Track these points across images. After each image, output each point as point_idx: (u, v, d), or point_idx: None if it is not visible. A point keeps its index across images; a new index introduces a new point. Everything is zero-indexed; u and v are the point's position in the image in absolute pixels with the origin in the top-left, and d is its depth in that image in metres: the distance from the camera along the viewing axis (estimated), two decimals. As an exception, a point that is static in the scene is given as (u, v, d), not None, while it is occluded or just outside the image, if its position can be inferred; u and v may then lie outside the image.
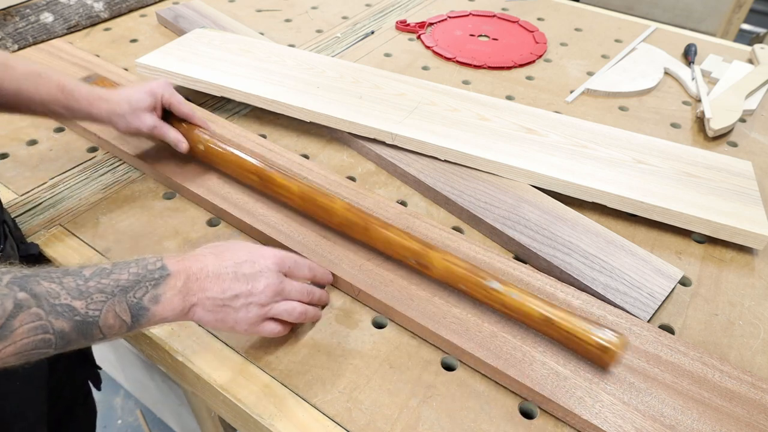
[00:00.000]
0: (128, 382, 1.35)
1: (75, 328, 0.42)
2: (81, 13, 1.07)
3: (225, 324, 0.49)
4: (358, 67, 0.88)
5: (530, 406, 0.51)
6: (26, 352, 0.40)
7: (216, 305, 0.48)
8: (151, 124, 0.67)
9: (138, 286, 0.45)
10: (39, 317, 0.40)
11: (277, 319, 0.52)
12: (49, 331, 0.40)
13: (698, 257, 0.66)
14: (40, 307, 0.40)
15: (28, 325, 0.39)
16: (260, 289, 0.49)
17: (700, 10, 1.63)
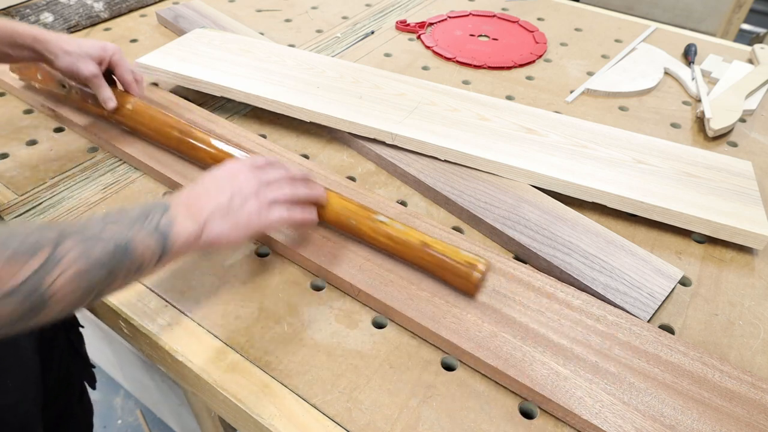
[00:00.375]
0: (128, 382, 1.35)
1: (112, 254, 0.43)
2: (81, 13, 1.07)
3: (239, 226, 0.51)
4: (358, 67, 0.88)
5: (530, 406, 0.51)
6: (78, 282, 0.41)
7: (221, 213, 0.50)
8: (93, 71, 0.70)
9: (150, 214, 0.47)
10: (77, 246, 0.41)
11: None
12: (90, 258, 0.42)
13: (698, 257, 0.66)
14: (74, 238, 0.41)
15: (71, 253, 0.41)
16: (243, 183, 0.53)
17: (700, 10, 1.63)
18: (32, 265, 0.39)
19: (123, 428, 1.35)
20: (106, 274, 0.42)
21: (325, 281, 0.61)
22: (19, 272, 0.38)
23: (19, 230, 0.40)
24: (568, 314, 0.56)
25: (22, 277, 0.38)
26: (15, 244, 0.39)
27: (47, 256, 0.39)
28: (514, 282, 0.59)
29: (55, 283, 0.39)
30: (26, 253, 0.39)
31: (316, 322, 0.57)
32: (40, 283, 0.39)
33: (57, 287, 0.39)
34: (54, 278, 0.39)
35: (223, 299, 0.59)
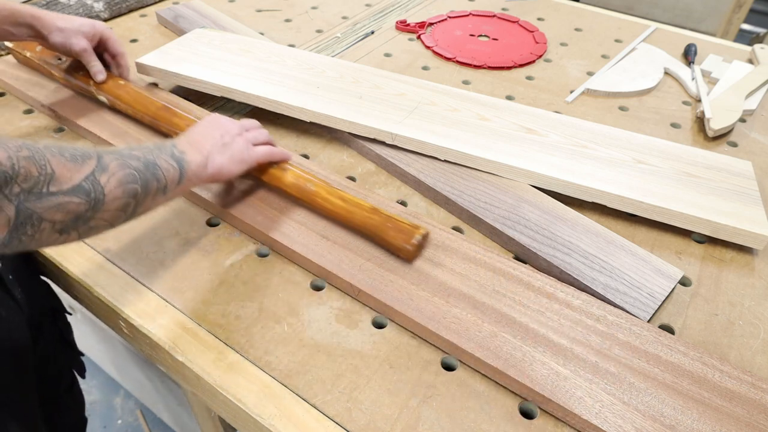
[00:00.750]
0: (128, 382, 1.35)
1: (145, 167, 0.51)
2: (81, 13, 1.07)
3: (234, 159, 0.61)
4: (358, 67, 0.88)
5: (530, 406, 0.51)
6: (124, 183, 0.48)
7: (219, 148, 0.61)
8: (84, 47, 0.76)
9: (163, 146, 0.55)
10: (119, 159, 0.49)
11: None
12: (130, 167, 0.49)
13: (698, 257, 0.66)
14: (114, 154, 0.49)
15: (115, 162, 0.48)
16: (229, 126, 0.64)
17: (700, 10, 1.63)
18: (89, 166, 0.46)
19: (123, 428, 1.35)
20: (143, 184, 0.50)
21: (325, 281, 0.61)
22: (79, 171, 0.45)
23: (67, 145, 0.46)
24: (568, 314, 0.56)
25: (84, 175, 0.45)
26: (70, 152, 0.46)
27: (96, 162, 0.47)
28: (514, 282, 0.59)
29: (108, 184, 0.47)
30: (81, 158, 0.46)
31: (316, 322, 0.57)
32: (96, 182, 0.46)
33: (110, 187, 0.47)
34: (106, 179, 0.47)
35: (223, 299, 0.59)
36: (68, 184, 0.44)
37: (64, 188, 0.44)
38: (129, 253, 0.64)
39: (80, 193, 0.45)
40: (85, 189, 0.45)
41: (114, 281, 0.61)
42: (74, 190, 0.44)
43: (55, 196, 0.43)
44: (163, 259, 0.63)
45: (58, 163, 0.44)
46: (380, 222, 0.61)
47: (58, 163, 0.44)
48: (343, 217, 0.63)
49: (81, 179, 0.45)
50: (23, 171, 0.41)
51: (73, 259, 0.63)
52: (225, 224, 0.68)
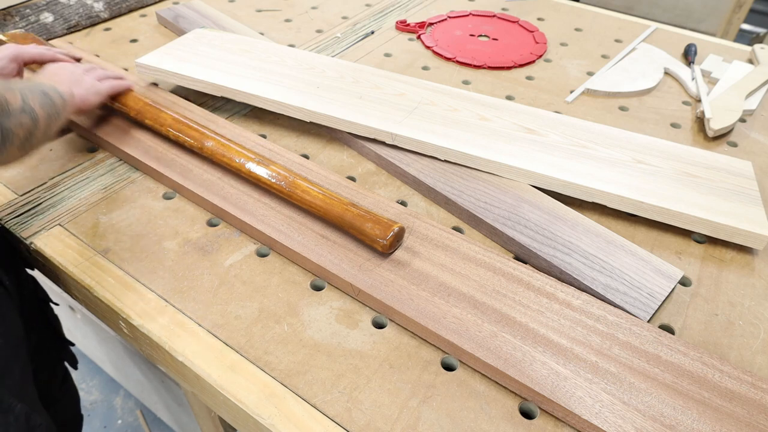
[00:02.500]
0: (128, 382, 1.35)
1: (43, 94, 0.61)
2: (81, 13, 1.07)
3: (90, 90, 0.72)
4: (358, 67, 0.88)
5: (530, 406, 0.51)
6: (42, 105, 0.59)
7: (72, 83, 0.70)
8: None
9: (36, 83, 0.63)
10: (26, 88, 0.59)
11: None
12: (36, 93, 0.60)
13: (698, 257, 0.66)
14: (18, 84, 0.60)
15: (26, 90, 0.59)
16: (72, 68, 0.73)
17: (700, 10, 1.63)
18: (17, 93, 0.56)
19: (123, 428, 1.35)
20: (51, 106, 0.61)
21: (325, 281, 0.61)
22: (16, 97, 0.56)
23: None
24: (568, 314, 0.56)
25: (20, 99, 0.56)
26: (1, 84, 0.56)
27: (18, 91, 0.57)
28: (514, 282, 0.59)
29: (34, 105, 0.58)
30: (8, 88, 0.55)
31: (316, 322, 0.57)
32: (28, 103, 0.57)
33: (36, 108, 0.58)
34: (32, 102, 0.57)
35: (223, 299, 0.59)
36: (16, 105, 0.55)
37: (16, 108, 0.55)
38: (129, 253, 0.64)
39: (26, 113, 0.56)
40: (26, 109, 0.56)
41: (114, 281, 0.61)
42: (22, 110, 0.56)
43: (15, 115, 0.55)
44: (163, 259, 0.63)
45: (4, 89, 0.55)
46: (358, 214, 0.61)
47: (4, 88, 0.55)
48: (322, 209, 0.63)
49: (21, 102, 0.56)
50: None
51: (73, 258, 0.63)
52: (225, 224, 0.68)
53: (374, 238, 0.60)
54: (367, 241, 0.61)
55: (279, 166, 0.68)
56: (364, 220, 0.61)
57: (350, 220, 0.61)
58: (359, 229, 0.61)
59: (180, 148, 0.75)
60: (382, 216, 0.62)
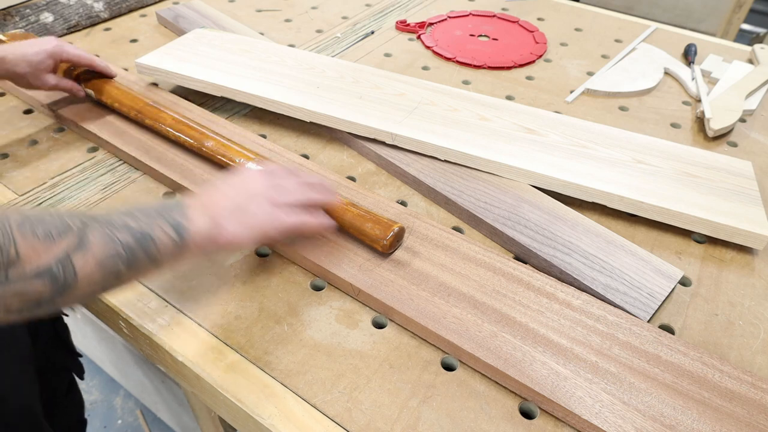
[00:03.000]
0: (128, 382, 1.35)
1: (136, 241, 0.45)
2: (81, 13, 1.07)
3: (251, 227, 0.51)
4: (358, 67, 0.88)
5: (530, 406, 0.51)
6: (105, 266, 0.42)
7: (235, 213, 0.51)
8: (53, 83, 0.76)
9: (166, 209, 0.49)
10: (105, 231, 0.43)
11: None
12: (117, 242, 0.43)
13: (698, 257, 0.66)
14: (101, 225, 0.44)
15: (99, 237, 0.43)
16: (258, 186, 0.54)
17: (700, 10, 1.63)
18: (62, 246, 0.40)
19: (123, 428, 1.35)
20: (127, 262, 0.44)
21: (325, 281, 0.61)
22: (50, 252, 0.40)
23: (47, 216, 0.41)
24: (568, 314, 0.56)
25: (54, 257, 0.40)
26: (45, 227, 0.40)
27: (76, 238, 0.41)
28: (514, 282, 0.59)
29: (84, 265, 0.41)
30: (56, 235, 0.40)
31: (316, 322, 0.57)
32: (69, 263, 0.40)
33: (85, 269, 0.41)
34: (82, 260, 0.41)
35: (223, 299, 0.59)
36: (32, 267, 0.39)
37: (26, 272, 0.39)
38: (129, 253, 0.64)
39: (45, 277, 0.39)
40: (52, 273, 0.40)
41: (114, 281, 0.61)
42: (39, 274, 0.39)
43: (14, 283, 0.38)
44: (163, 259, 0.63)
45: (26, 244, 0.39)
46: (358, 215, 0.61)
47: (27, 243, 0.39)
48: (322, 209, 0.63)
49: (51, 261, 0.40)
50: None
51: (73, 259, 0.63)
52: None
53: (374, 238, 0.60)
54: (367, 241, 0.61)
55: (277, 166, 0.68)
56: (364, 220, 0.61)
57: (350, 220, 0.61)
58: (359, 229, 0.61)
59: (180, 148, 0.75)
60: (382, 216, 0.62)
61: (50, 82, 0.75)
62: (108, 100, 0.79)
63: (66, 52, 0.75)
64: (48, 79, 0.75)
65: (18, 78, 0.72)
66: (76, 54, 0.77)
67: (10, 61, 0.70)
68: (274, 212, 0.52)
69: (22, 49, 0.71)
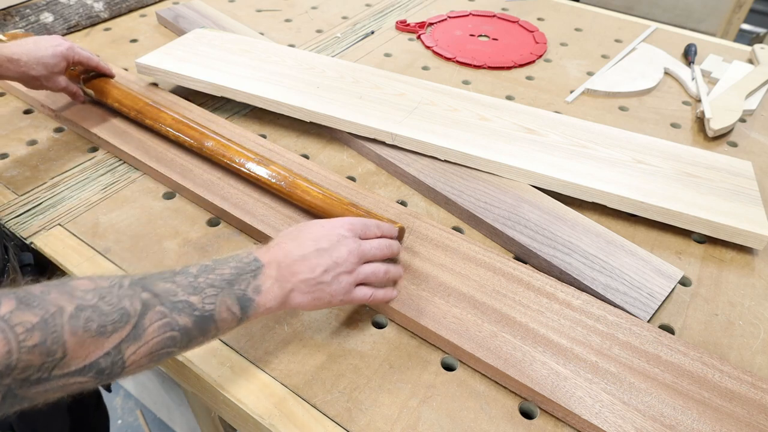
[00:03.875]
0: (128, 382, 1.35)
1: (195, 323, 0.42)
2: (81, 13, 1.07)
3: (321, 301, 0.49)
4: (358, 67, 0.88)
5: (530, 406, 0.51)
6: (157, 352, 0.40)
7: (310, 286, 0.48)
8: (63, 85, 0.76)
9: (240, 279, 0.45)
10: (164, 315, 0.40)
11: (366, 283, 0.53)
12: (174, 328, 0.41)
13: (698, 257, 0.66)
14: (162, 305, 0.40)
15: (156, 324, 0.40)
16: (344, 257, 0.50)
17: (700, 10, 1.63)
18: (114, 341, 0.37)
19: (123, 428, 1.35)
20: (183, 343, 0.42)
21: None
22: (100, 349, 0.37)
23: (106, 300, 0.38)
24: (568, 314, 0.56)
25: (103, 353, 0.37)
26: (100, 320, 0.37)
27: (130, 330, 0.38)
28: (514, 282, 0.59)
29: (134, 355, 0.39)
30: (111, 329, 0.37)
31: (316, 322, 0.57)
32: (119, 356, 0.38)
33: (135, 359, 0.39)
34: (134, 350, 0.38)
35: (223, 299, 0.59)
36: (79, 364, 0.36)
37: (72, 369, 0.36)
38: (129, 253, 0.64)
39: (91, 372, 0.37)
40: (99, 367, 0.37)
41: (114, 281, 0.61)
42: (84, 370, 0.36)
43: (58, 380, 0.36)
44: (163, 259, 0.63)
45: (77, 342, 0.36)
46: (358, 215, 0.61)
47: (78, 341, 0.36)
48: (322, 209, 0.63)
49: (100, 356, 0.37)
50: (23, 363, 0.33)
51: (73, 258, 0.63)
52: (225, 224, 0.68)
53: None
54: None
55: (279, 166, 0.68)
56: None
57: None
58: None
59: (180, 148, 0.75)
60: (382, 216, 0.62)
61: (61, 84, 0.75)
62: (108, 100, 0.79)
63: (78, 54, 0.75)
64: (59, 81, 0.75)
65: (31, 80, 0.72)
66: (86, 56, 0.77)
67: (25, 63, 0.69)
68: (349, 288, 0.50)
69: (37, 51, 0.71)
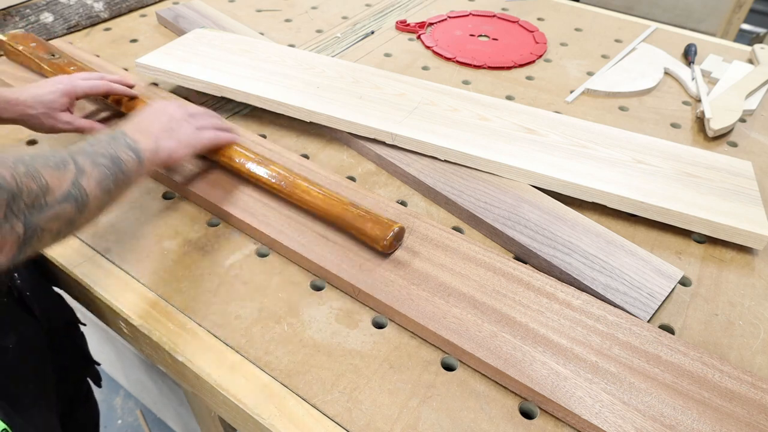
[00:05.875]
0: (128, 382, 1.35)
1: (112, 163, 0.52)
2: (81, 13, 1.07)
3: (182, 143, 0.62)
4: (358, 67, 0.88)
5: (530, 406, 0.51)
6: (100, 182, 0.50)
7: (165, 132, 0.61)
8: (67, 120, 0.73)
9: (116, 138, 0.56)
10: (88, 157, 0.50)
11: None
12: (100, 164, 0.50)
13: (698, 257, 0.66)
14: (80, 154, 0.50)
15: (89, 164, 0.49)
16: (174, 112, 0.65)
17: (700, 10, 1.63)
18: (70, 174, 0.47)
19: (123, 428, 1.35)
20: (113, 180, 0.51)
21: (325, 281, 0.61)
22: (65, 180, 0.46)
23: (45, 153, 0.47)
24: (568, 314, 0.56)
25: (69, 183, 0.47)
26: (53, 160, 0.46)
27: (74, 166, 0.48)
28: (514, 282, 0.59)
29: (89, 186, 0.48)
30: (62, 165, 0.47)
31: (316, 322, 0.57)
32: (80, 186, 0.47)
33: (90, 189, 0.48)
34: (87, 182, 0.48)
35: (223, 299, 0.59)
36: (59, 193, 0.46)
37: (57, 197, 0.45)
38: (129, 253, 0.64)
39: (70, 200, 0.46)
40: (73, 195, 0.47)
41: (114, 281, 0.61)
42: (66, 198, 0.46)
43: (52, 207, 0.45)
44: (163, 259, 0.63)
45: (49, 174, 0.45)
46: (358, 215, 0.61)
47: (48, 173, 0.45)
48: (322, 209, 0.63)
49: (69, 186, 0.47)
50: (26, 187, 0.43)
51: (73, 259, 0.63)
52: (225, 224, 0.68)
53: (374, 238, 0.60)
54: (367, 241, 0.61)
55: (279, 166, 0.68)
56: (364, 220, 0.61)
57: (350, 220, 0.61)
58: (359, 229, 0.61)
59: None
60: (382, 216, 0.62)
61: (64, 119, 0.72)
62: None
63: (79, 87, 0.73)
64: (62, 117, 0.72)
65: (31, 119, 0.70)
66: (90, 85, 0.75)
67: (23, 102, 0.68)
68: (194, 131, 0.65)
69: (36, 90, 0.70)
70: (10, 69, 0.91)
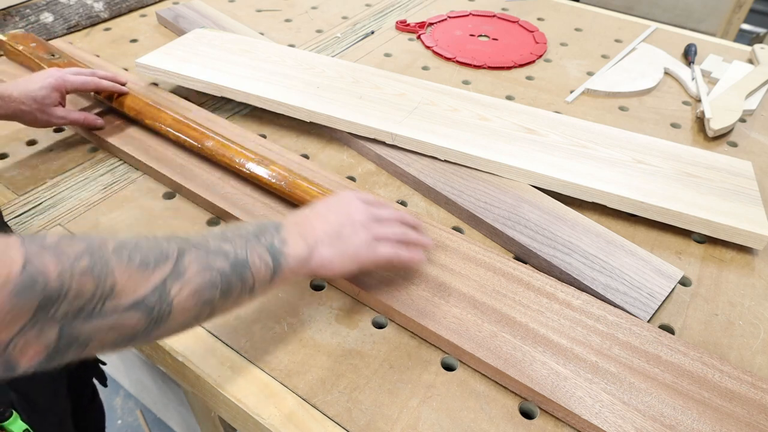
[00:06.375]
0: (128, 382, 1.35)
1: (232, 268, 0.42)
2: (81, 13, 1.07)
3: (346, 255, 0.50)
4: (358, 67, 0.88)
5: (530, 406, 0.51)
6: (200, 294, 0.40)
7: (331, 238, 0.50)
8: (61, 115, 0.72)
9: (264, 232, 0.47)
10: (201, 257, 0.41)
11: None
12: (213, 270, 0.41)
13: (698, 257, 0.66)
14: (198, 249, 0.41)
15: (195, 264, 0.40)
16: (356, 213, 0.52)
17: (700, 10, 1.63)
18: (158, 276, 0.38)
19: (123, 428, 1.35)
20: (224, 289, 0.42)
21: (325, 281, 0.61)
22: (146, 282, 0.37)
23: (143, 241, 0.39)
24: (568, 314, 0.56)
25: (150, 287, 0.38)
26: (142, 254, 0.38)
27: (172, 267, 0.39)
28: (514, 282, 0.59)
29: (179, 295, 0.39)
30: (152, 264, 0.38)
31: (316, 322, 0.57)
32: (165, 293, 0.38)
33: (180, 299, 0.39)
34: (178, 289, 0.39)
35: (223, 299, 0.59)
36: (130, 298, 0.37)
37: (123, 303, 0.36)
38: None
39: (141, 309, 0.37)
40: (148, 304, 0.38)
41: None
42: (135, 305, 0.37)
43: (111, 315, 0.36)
44: (163, 259, 0.63)
45: (124, 273, 0.37)
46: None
47: (124, 272, 0.37)
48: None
49: (147, 291, 0.38)
50: (75, 287, 0.34)
51: (73, 259, 0.63)
52: (225, 224, 0.68)
53: None
54: None
55: (279, 166, 0.68)
56: None
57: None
58: None
59: (180, 148, 0.75)
60: None
61: (58, 114, 0.72)
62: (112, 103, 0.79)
63: (69, 82, 0.73)
64: (55, 112, 0.72)
65: (24, 115, 0.70)
66: (81, 81, 0.74)
67: (16, 98, 0.68)
68: (369, 242, 0.51)
69: (27, 85, 0.69)
70: (10, 69, 0.91)
